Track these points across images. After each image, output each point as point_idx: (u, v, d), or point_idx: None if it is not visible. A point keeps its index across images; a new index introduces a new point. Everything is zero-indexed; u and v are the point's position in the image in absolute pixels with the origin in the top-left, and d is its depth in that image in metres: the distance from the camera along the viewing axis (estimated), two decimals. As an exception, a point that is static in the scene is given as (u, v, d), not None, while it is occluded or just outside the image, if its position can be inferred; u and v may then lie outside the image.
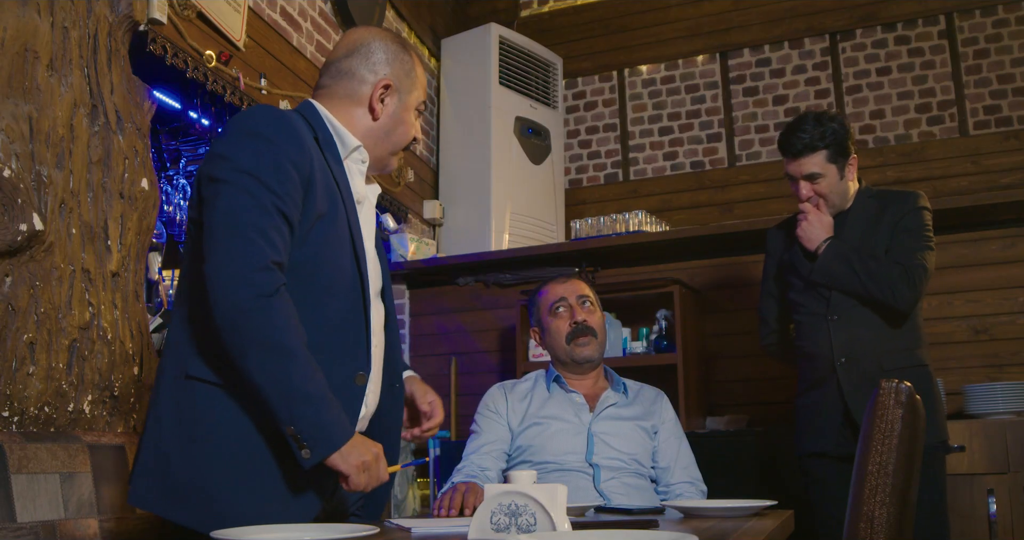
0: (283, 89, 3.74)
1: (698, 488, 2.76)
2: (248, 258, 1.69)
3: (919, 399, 1.78)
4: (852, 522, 1.69)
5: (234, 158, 1.78)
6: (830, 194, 2.99)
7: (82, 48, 2.46)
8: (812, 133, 2.93)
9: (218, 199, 1.75)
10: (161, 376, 1.84)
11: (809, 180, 2.99)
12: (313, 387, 1.70)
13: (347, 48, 2.11)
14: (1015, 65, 4.76)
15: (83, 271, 2.37)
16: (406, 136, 2.13)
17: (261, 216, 1.72)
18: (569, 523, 1.58)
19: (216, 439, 1.75)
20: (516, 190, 5.10)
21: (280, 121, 1.85)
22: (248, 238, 1.70)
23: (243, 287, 1.67)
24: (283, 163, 1.78)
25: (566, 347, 2.81)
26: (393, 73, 2.07)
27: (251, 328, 1.67)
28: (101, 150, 2.47)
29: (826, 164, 2.96)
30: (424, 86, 2.16)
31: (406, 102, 2.10)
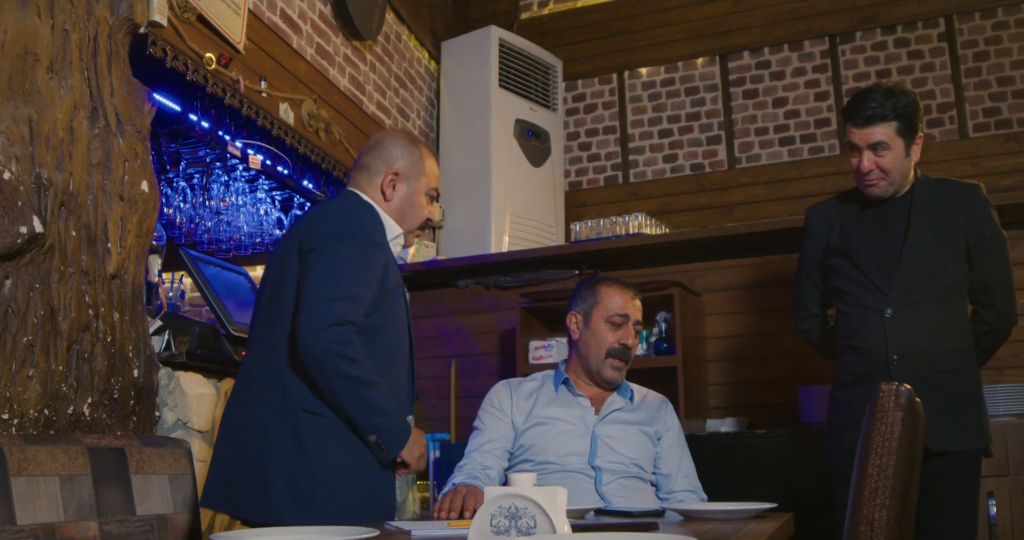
0: (283, 91, 3.74)
1: (699, 497, 2.76)
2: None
3: (919, 401, 1.78)
4: (852, 524, 1.68)
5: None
6: (892, 170, 2.83)
7: (82, 51, 2.46)
8: (884, 102, 2.79)
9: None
10: (268, 407, 2.27)
11: (873, 150, 2.81)
12: (385, 404, 2.25)
13: (367, 147, 2.60)
14: (1015, 67, 4.76)
15: (83, 273, 2.37)
16: (419, 217, 2.59)
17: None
18: (569, 526, 1.58)
19: (330, 459, 2.24)
20: (516, 192, 5.10)
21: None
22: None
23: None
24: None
25: (602, 358, 2.78)
26: (402, 163, 2.55)
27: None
28: (101, 152, 2.47)
29: (895, 136, 2.80)
30: (433, 175, 2.61)
31: (415, 187, 2.57)
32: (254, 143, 3.57)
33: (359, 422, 2.23)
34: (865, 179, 2.86)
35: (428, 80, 5.37)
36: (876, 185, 2.85)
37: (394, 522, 2.15)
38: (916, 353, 2.81)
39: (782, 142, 5.15)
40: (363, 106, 4.55)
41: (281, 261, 2.36)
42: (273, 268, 2.41)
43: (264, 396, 2.28)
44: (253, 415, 2.28)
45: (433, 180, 2.62)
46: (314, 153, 3.91)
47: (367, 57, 4.64)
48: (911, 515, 1.79)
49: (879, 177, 2.84)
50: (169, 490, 2.23)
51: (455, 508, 2.30)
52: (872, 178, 2.84)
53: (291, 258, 2.32)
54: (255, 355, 2.36)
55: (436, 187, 2.64)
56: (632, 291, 2.86)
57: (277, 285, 2.35)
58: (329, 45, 4.25)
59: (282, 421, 2.24)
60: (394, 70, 4.95)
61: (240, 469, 2.25)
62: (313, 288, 2.21)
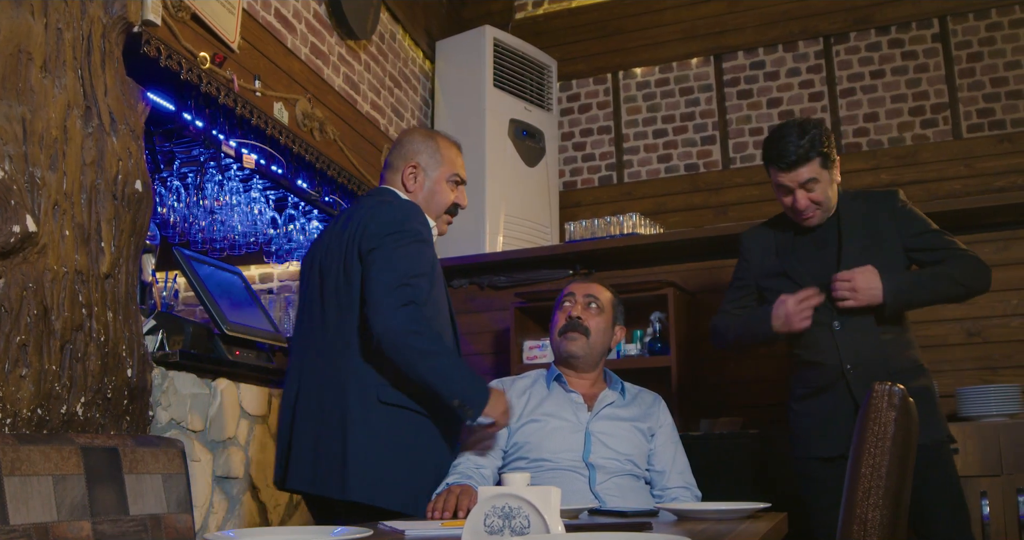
0: (277, 91, 3.74)
1: (693, 494, 2.76)
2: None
3: (912, 401, 1.79)
4: (845, 524, 1.69)
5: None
6: (824, 199, 2.93)
7: (76, 49, 2.45)
8: (800, 143, 2.87)
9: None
10: (350, 398, 2.50)
11: (804, 188, 2.91)
12: (462, 370, 2.46)
13: (392, 147, 2.85)
14: (1008, 68, 4.77)
15: (76, 273, 2.36)
16: (442, 203, 2.77)
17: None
18: (563, 525, 1.58)
19: (405, 447, 2.50)
20: (510, 192, 5.10)
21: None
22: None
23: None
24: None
25: (557, 339, 2.84)
26: (420, 157, 2.77)
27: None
28: (95, 152, 2.46)
29: (820, 170, 2.89)
30: (453, 162, 2.79)
31: (435, 176, 2.77)
32: (248, 142, 3.57)
33: (440, 389, 2.41)
34: (802, 215, 2.96)
35: (423, 80, 5.36)
36: (813, 217, 2.96)
37: (388, 522, 2.15)
38: (868, 360, 2.89)
39: (776, 142, 5.15)
40: (357, 106, 4.55)
41: (340, 266, 2.59)
42: (330, 273, 2.62)
43: (345, 390, 2.51)
44: (335, 405, 2.51)
45: (454, 167, 2.80)
46: (308, 153, 3.91)
47: (361, 57, 4.64)
48: (904, 515, 1.80)
49: (815, 210, 2.94)
50: (163, 490, 2.23)
51: (449, 508, 2.30)
52: (808, 213, 2.95)
53: (352, 263, 2.55)
54: (326, 354, 2.58)
55: (458, 173, 2.81)
56: (583, 279, 3.01)
57: (344, 289, 2.57)
58: (324, 45, 4.25)
59: (362, 411, 2.49)
60: (388, 70, 4.94)
61: (322, 452, 2.49)
62: (377, 280, 2.44)
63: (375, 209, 2.60)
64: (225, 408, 3.01)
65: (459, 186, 2.83)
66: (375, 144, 4.68)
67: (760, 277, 3.14)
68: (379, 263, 2.48)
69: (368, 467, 2.46)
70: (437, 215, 2.79)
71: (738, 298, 3.20)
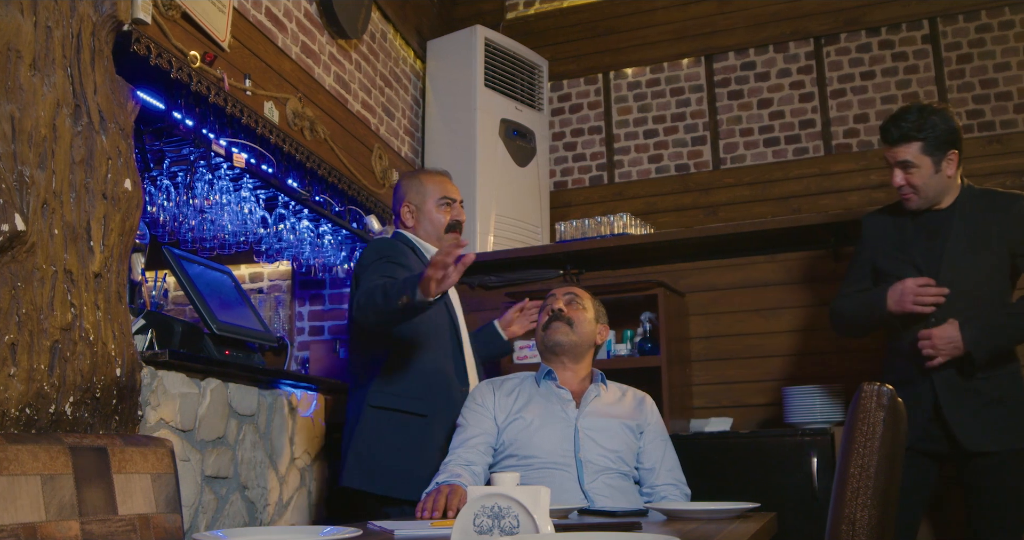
0: (268, 90, 3.73)
1: (682, 490, 2.77)
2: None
3: (901, 401, 1.79)
4: (834, 524, 1.69)
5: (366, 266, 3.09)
6: (923, 186, 3.01)
7: (65, 48, 2.44)
8: (911, 123, 2.97)
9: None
10: (355, 403, 3.13)
11: (902, 168, 3.02)
12: (384, 283, 2.81)
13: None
14: (998, 70, 4.79)
15: (65, 272, 2.36)
16: (439, 225, 3.24)
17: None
18: (552, 525, 1.58)
19: (393, 442, 3.00)
20: (501, 192, 5.10)
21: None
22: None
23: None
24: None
25: (542, 334, 2.88)
26: (408, 196, 3.30)
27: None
28: (84, 150, 2.46)
29: (920, 155, 2.98)
30: (436, 187, 3.26)
31: (426, 207, 3.26)
32: (238, 141, 3.56)
33: (390, 306, 2.72)
34: (900, 193, 3.07)
35: (413, 79, 5.36)
36: (909, 199, 3.07)
37: (377, 522, 2.15)
38: (956, 358, 2.94)
39: (767, 143, 5.16)
40: (348, 105, 4.54)
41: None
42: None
43: (354, 396, 3.15)
44: (350, 409, 3.14)
45: (438, 192, 3.25)
46: (299, 152, 3.90)
47: (352, 56, 4.64)
48: (893, 515, 1.80)
49: (910, 192, 3.04)
50: (152, 490, 2.22)
51: (438, 508, 2.30)
52: (904, 193, 3.05)
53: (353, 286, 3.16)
54: (349, 370, 3.26)
55: (444, 195, 3.25)
56: (567, 283, 3.11)
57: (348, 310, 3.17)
58: (314, 44, 4.24)
59: (359, 413, 3.06)
60: (379, 69, 4.94)
61: (342, 452, 3.11)
62: (354, 295, 3.05)
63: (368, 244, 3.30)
64: (214, 408, 3.01)
65: (451, 206, 3.26)
66: (366, 143, 4.68)
67: (877, 258, 3.21)
68: (358, 285, 3.06)
69: (360, 460, 3.00)
70: (439, 237, 3.23)
71: (856, 280, 3.28)
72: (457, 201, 3.29)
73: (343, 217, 4.47)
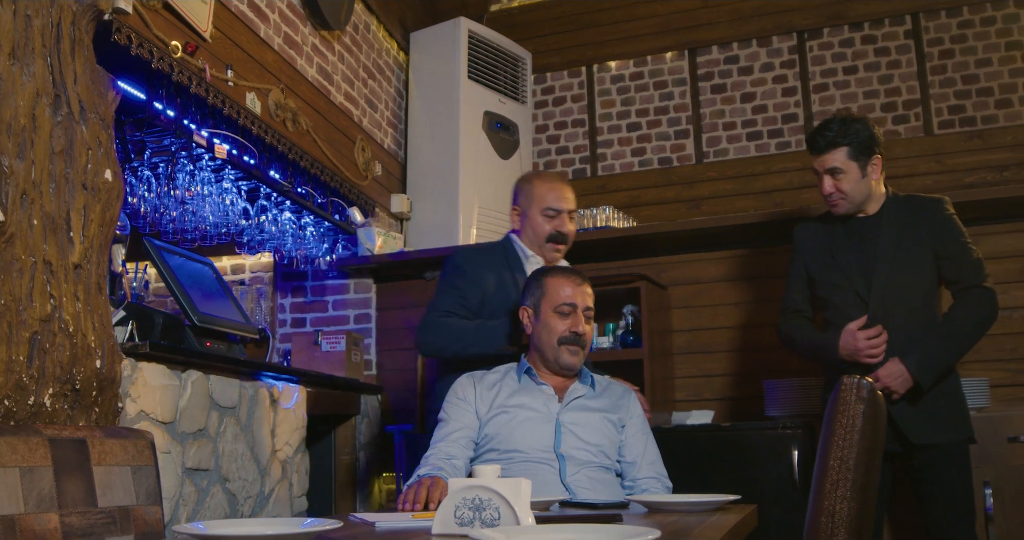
0: (249, 81, 3.71)
1: (663, 484, 2.77)
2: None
3: (880, 395, 1.80)
4: (813, 516, 1.70)
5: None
6: (851, 191, 3.12)
7: (45, 37, 2.42)
8: (836, 131, 3.09)
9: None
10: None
11: (831, 175, 3.12)
12: (465, 334, 3.11)
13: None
14: (979, 65, 4.81)
15: (44, 263, 2.34)
16: (540, 234, 3.21)
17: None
18: (533, 517, 1.58)
19: None
20: (484, 184, 5.10)
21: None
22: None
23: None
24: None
25: (556, 347, 2.79)
26: (519, 201, 3.31)
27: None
28: (64, 140, 2.44)
29: (847, 160, 3.10)
30: (544, 196, 3.20)
31: (531, 213, 3.23)
32: (220, 132, 3.54)
33: (466, 351, 3.08)
34: (828, 200, 3.18)
35: (397, 71, 5.35)
36: (838, 205, 3.17)
37: (358, 514, 2.15)
38: (892, 354, 3.04)
39: (749, 137, 5.18)
40: (331, 96, 4.53)
41: None
42: None
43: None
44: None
45: (544, 201, 3.20)
46: (281, 143, 3.89)
47: (335, 47, 4.62)
48: (872, 507, 1.81)
49: (839, 198, 3.15)
50: (132, 482, 2.21)
51: (419, 500, 2.30)
52: (833, 199, 3.16)
53: None
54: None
55: (550, 206, 3.19)
56: (579, 278, 2.88)
57: None
58: (297, 35, 4.23)
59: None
60: (362, 61, 4.92)
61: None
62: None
63: None
64: (195, 400, 2.99)
65: (557, 216, 3.20)
66: (348, 135, 4.66)
67: (809, 265, 3.33)
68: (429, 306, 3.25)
69: None
70: (540, 245, 3.22)
71: (795, 290, 3.39)
72: (565, 211, 3.23)
73: (325, 209, 4.46)
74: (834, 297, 3.22)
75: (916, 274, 3.11)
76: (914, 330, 3.08)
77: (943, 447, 3.03)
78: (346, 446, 4.45)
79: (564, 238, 3.24)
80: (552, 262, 3.21)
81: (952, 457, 3.03)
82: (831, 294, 3.23)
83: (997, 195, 4.03)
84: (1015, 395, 4.00)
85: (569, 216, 3.25)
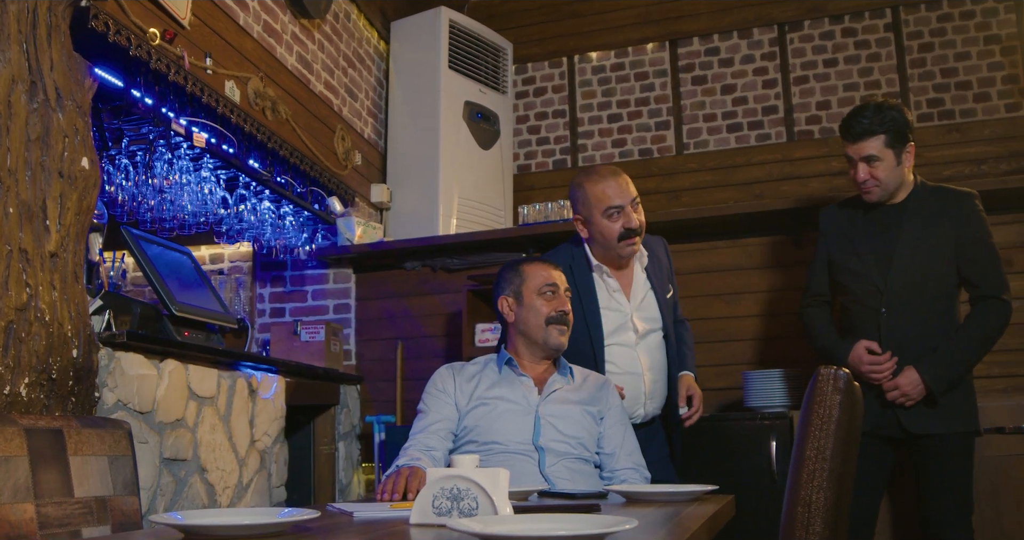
0: (228, 69, 3.69)
1: (642, 474, 2.78)
2: None
3: (858, 385, 1.81)
4: (790, 506, 1.71)
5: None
6: (885, 178, 3.13)
7: (21, 23, 2.40)
8: (872, 118, 3.09)
9: None
10: None
11: (867, 162, 3.12)
12: None
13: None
14: (958, 59, 4.84)
15: (20, 251, 2.32)
16: (610, 236, 3.05)
17: None
18: (511, 507, 1.58)
19: None
20: (464, 175, 5.09)
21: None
22: None
23: None
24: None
25: (544, 327, 2.81)
26: (578, 209, 3.14)
27: None
28: (40, 127, 2.42)
29: (884, 148, 3.10)
30: (599, 198, 3.04)
31: (594, 219, 3.07)
32: (199, 121, 3.52)
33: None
34: (862, 187, 3.17)
35: (377, 60, 5.32)
36: (871, 192, 3.17)
37: (336, 504, 2.15)
38: (907, 348, 3.09)
39: (730, 129, 5.19)
40: (311, 85, 4.51)
41: None
42: None
43: None
44: None
45: (602, 203, 3.04)
46: (260, 132, 3.86)
47: (315, 36, 4.59)
48: (848, 497, 1.82)
49: (874, 185, 3.15)
50: (109, 472, 2.20)
51: (398, 490, 2.29)
52: (868, 186, 3.16)
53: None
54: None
55: (610, 205, 3.03)
56: (549, 264, 2.93)
57: None
58: (277, 23, 4.20)
59: None
60: (343, 49, 4.90)
61: None
62: None
63: None
64: (173, 389, 2.98)
65: (619, 214, 3.04)
66: (328, 124, 4.65)
67: (832, 250, 3.34)
68: None
69: None
70: (610, 249, 3.07)
71: (818, 274, 3.42)
72: (627, 204, 3.06)
73: (305, 198, 4.44)
74: (852, 284, 3.24)
75: (935, 267, 3.12)
76: (929, 324, 3.11)
77: (945, 437, 3.05)
78: (325, 436, 4.44)
79: (635, 232, 3.08)
80: (631, 257, 3.13)
81: (953, 447, 3.05)
82: (849, 281, 3.25)
83: (975, 188, 4.04)
84: (991, 387, 4.03)
85: (632, 207, 3.08)
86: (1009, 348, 4.05)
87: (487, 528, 1.27)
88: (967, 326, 3.09)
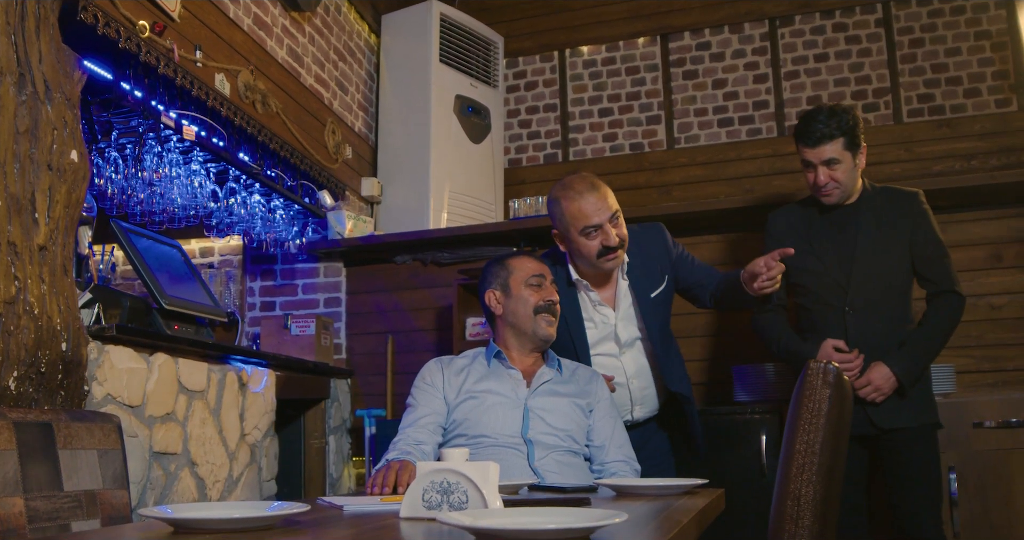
0: (218, 62, 3.68)
1: (632, 467, 2.79)
2: None
3: (847, 379, 1.82)
4: (779, 500, 1.71)
5: None
6: (845, 180, 3.17)
7: (9, 14, 2.39)
8: (828, 122, 3.12)
9: None
10: None
11: (827, 166, 3.15)
12: None
13: None
14: (948, 55, 4.85)
15: (9, 244, 2.31)
16: (588, 254, 2.97)
17: None
18: (501, 501, 1.59)
19: None
20: (455, 169, 5.08)
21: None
22: None
23: None
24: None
25: (532, 317, 2.82)
26: (556, 224, 3.04)
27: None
28: (28, 120, 2.41)
29: (843, 151, 3.14)
30: (577, 217, 2.92)
31: (571, 236, 2.98)
32: (189, 114, 3.51)
33: None
34: (822, 191, 3.20)
35: (368, 54, 5.31)
36: (832, 195, 3.21)
37: (326, 497, 2.15)
38: (873, 345, 3.14)
39: (721, 123, 5.19)
40: (301, 79, 4.49)
41: None
42: None
43: None
44: None
45: (580, 221, 2.93)
46: (250, 125, 3.85)
47: (306, 29, 4.58)
48: (838, 491, 1.83)
49: (834, 187, 3.19)
50: (98, 466, 2.20)
51: (388, 484, 2.29)
52: (828, 189, 3.19)
53: None
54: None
55: (587, 224, 2.92)
56: (534, 257, 2.98)
57: None
58: (267, 16, 4.19)
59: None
60: (333, 43, 4.89)
61: None
62: None
63: None
64: (163, 383, 2.97)
65: (597, 232, 2.93)
66: (318, 118, 4.63)
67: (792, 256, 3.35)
68: None
69: None
70: (591, 265, 3.01)
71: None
72: (605, 222, 2.91)
73: (295, 192, 4.43)
74: (812, 284, 3.27)
75: (893, 265, 3.18)
76: (891, 320, 3.17)
77: (912, 431, 3.12)
78: (315, 430, 4.43)
79: (615, 248, 2.96)
80: (614, 269, 3.06)
81: (920, 440, 3.11)
82: (809, 281, 3.28)
83: (964, 183, 4.07)
84: (980, 381, 4.05)
85: (612, 223, 2.94)
86: (997, 343, 4.07)
87: (477, 521, 1.27)
88: (930, 320, 3.17)
